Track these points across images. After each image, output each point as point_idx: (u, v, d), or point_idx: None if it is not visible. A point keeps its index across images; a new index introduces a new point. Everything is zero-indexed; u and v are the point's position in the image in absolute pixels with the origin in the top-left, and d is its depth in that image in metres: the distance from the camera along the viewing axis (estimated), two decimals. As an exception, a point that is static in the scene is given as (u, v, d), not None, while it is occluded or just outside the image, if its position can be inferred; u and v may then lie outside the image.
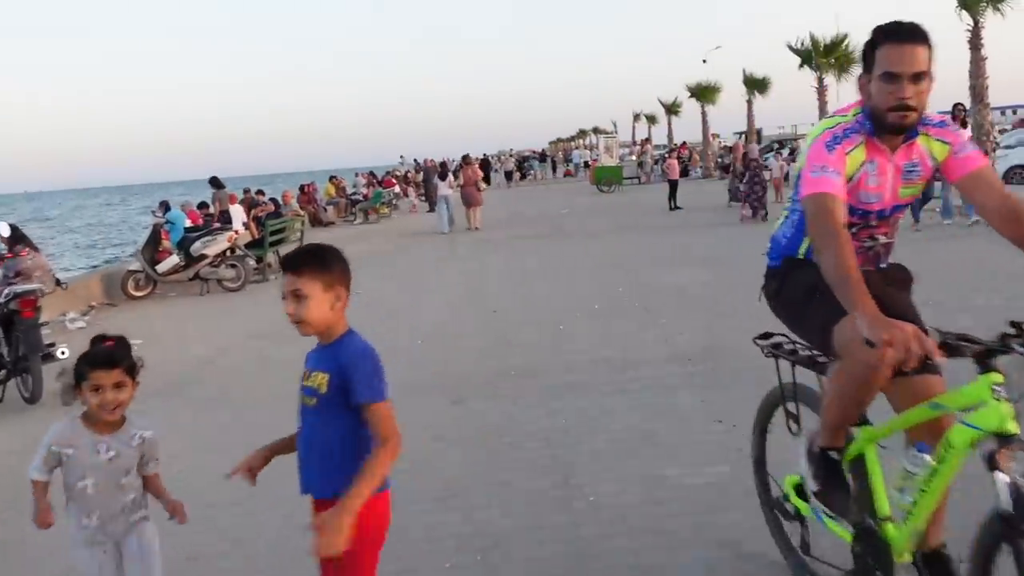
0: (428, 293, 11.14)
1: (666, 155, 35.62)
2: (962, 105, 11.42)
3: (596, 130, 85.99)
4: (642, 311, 8.61)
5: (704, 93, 35.97)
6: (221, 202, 16.88)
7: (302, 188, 25.96)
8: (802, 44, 22.55)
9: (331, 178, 29.55)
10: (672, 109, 43.12)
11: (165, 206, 16.75)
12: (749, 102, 30.32)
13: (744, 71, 30.07)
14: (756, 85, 29.91)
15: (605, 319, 8.37)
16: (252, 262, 13.77)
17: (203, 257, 12.74)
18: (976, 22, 13.79)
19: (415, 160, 31.83)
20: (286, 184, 30.93)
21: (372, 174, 35.72)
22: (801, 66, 22.53)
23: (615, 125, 59.02)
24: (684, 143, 42.28)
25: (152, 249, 12.99)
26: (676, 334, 7.41)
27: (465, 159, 22.52)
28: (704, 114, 36.50)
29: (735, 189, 18.84)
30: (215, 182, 16.83)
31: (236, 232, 13.34)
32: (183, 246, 12.89)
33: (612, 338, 7.50)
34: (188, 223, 15.59)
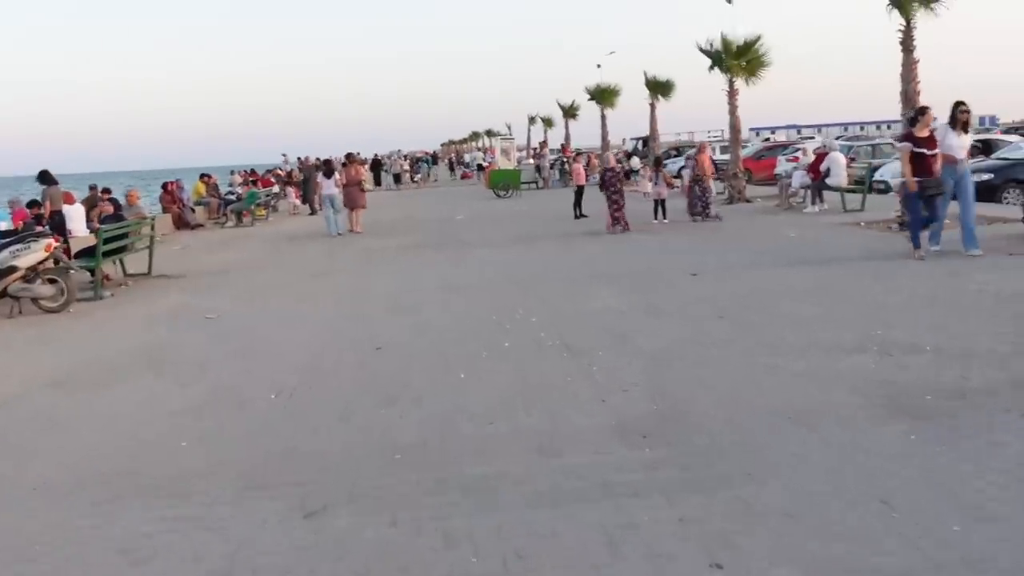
0: (297, 320, 9.04)
1: (568, 159, 34.35)
2: (964, 105, 10.14)
3: (489, 132, 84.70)
4: (563, 351, 6.83)
5: (603, 95, 34.87)
6: (53, 201, 14.20)
7: (164, 186, 23.11)
8: (712, 46, 21.49)
9: (201, 176, 26.66)
10: (570, 112, 41.95)
11: (-17, 204, 13.92)
12: (652, 106, 29.24)
13: (646, 74, 29.01)
14: (659, 88, 28.87)
15: (518, 363, 6.55)
16: (82, 275, 11.31)
17: (12, 270, 10.21)
18: (908, 22, 12.71)
19: (297, 158, 29.29)
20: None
21: (251, 172, 32.90)
22: (712, 68, 21.44)
23: (509, 128, 57.60)
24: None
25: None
26: (615, 389, 5.65)
27: (349, 157, 20.52)
28: (603, 117, 35.42)
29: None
30: (44, 177, 14.14)
31: (56, 239, 10.80)
32: (-11, 255, 10.31)
33: (532, 395, 5.67)
34: (6, 225, 12.89)
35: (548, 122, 49.98)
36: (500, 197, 29.28)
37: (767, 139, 47.90)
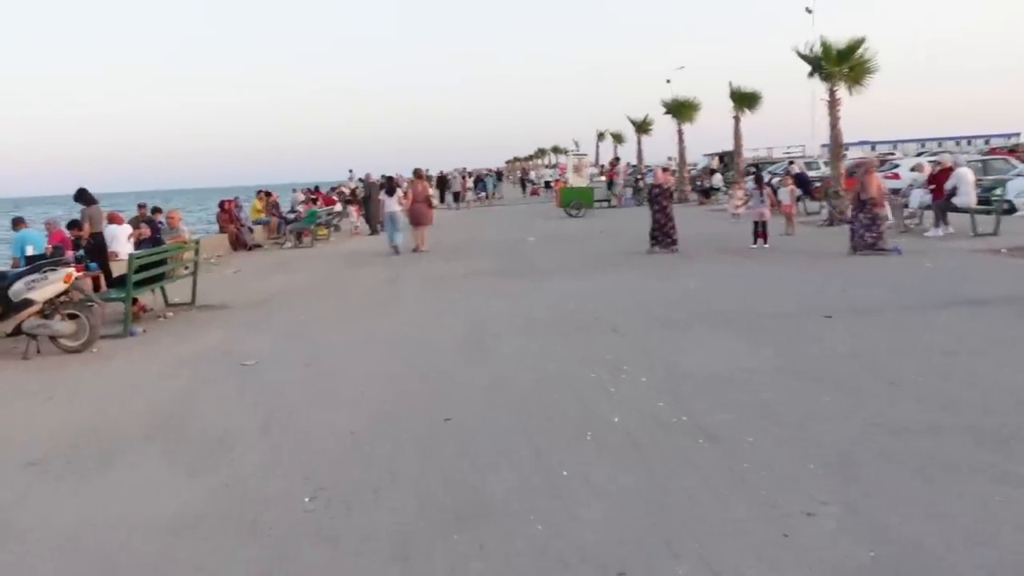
0: (345, 373, 7.42)
1: (645, 174, 32.44)
2: None
3: (556, 149, 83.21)
4: (696, 434, 5.02)
5: (680, 110, 32.83)
6: (92, 222, 12.96)
7: (221, 205, 21.98)
8: (812, 50, 19.46)
9: (259, 193, 25.53)
10: (642, 127, 39.95)
11: (18, 224, 12.75)
12: (736, 119, 27.15)
13: (731, 84, 26.95)
14: (745, 100, 26.77)
15: (640, 454, 4.76)
16: (118, 304, 9.96)
17: (27, 303, 8.86)
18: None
19: (359, 177, 28.03)
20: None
21: (313, 189, 31.81)
22: (811, 74, 19.37)
23: (577, 144, 55.68)
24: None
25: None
26: (794, 511, 3.82)
27: (417, 173, 19.72)
28: (680, 132, 33.37)
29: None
30: (82, 196, 12.92)
31: (79, 269, 9.45)
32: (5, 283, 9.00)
33: (672, 519, 3.87)
34: (34, 250, 11.66)
35: (618, 138, 48.04)
36: (572, 216, 27.54)
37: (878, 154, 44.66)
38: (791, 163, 26.85)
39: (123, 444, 5.61)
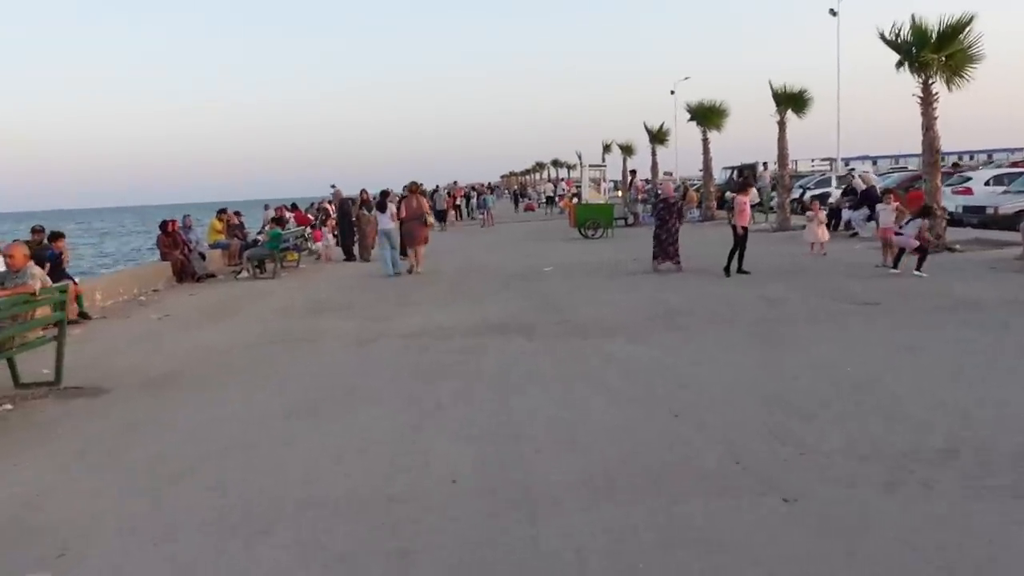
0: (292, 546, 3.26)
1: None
2: None
3: (556, 162, 79.13)
4: None
5: (707, 116, 28.82)
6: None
7: (163, 226, 17.76)
8: (898, 35, 15.50)
9: (219, 212, 21.32)
10: (658, 137, 35.94)
11: None
12: (781, 123, 23.06)
13: (771, 84, 22.92)
14: (791, 101, 22.72)
15: None
16: None
17: None
18: None
19: (332, 187, 23.81)
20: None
21: (290, 207, 27.61)
22: (900, 65, 15.38)
23: (580, 157, 51.43)
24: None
25: None
26: None
27: (412, 187, 17.29)
28: (706, 141, 29.36)
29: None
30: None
31: None
32: None
33: None
34: None
35: (628, 149, 43.87)
36: (588, 238, 23.48)
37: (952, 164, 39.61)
38: (852, 172, 22.77)
39: None
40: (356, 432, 5.78)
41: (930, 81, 15.47)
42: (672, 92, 57.19)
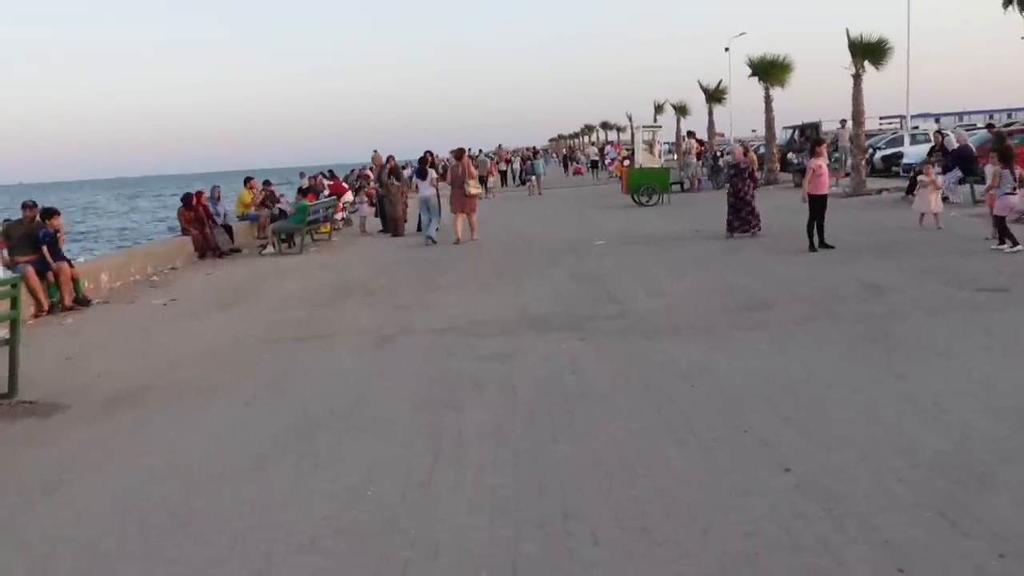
0: None
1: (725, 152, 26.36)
2: None
3: (605, 125, 76.58)
4: None
5: (770, 71, 26.55)
6: None
7: (186, 200, 16.48)
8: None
9: (247, 180, 19.97)
10: (715, 95, 33.64)
11: None
12: (856, 76, 20.76)
13: (848, 33, 20.59)
14: (869, 52, 20.40)
15: None
16: None
17: None
18: None
19: (373, 153, 22.35)
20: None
21: (327, 174, 26.25)
22: (1008, 4, 13.28)
23: (630, 118, 49.09)
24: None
25: None
26: None
27: (459, 153, 16.43)
28: (768, 99, 27.13)
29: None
30: None
31: None
32: None
33: None
34: None
35: (683, 110, 41.51)
36: (642, 205, 21.68)
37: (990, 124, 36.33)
38: (940, 131, 20.47)
39: None
40: (341, 494, 4.27)
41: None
42: (727, 49, 54.31)
